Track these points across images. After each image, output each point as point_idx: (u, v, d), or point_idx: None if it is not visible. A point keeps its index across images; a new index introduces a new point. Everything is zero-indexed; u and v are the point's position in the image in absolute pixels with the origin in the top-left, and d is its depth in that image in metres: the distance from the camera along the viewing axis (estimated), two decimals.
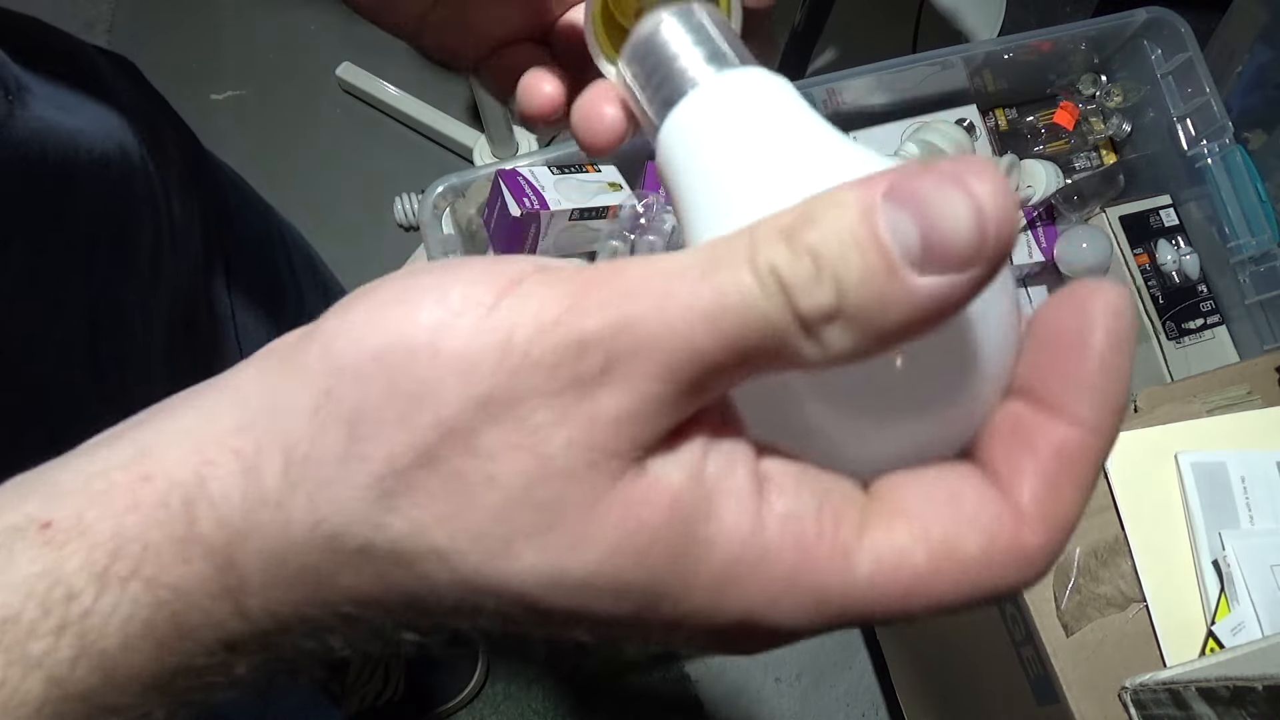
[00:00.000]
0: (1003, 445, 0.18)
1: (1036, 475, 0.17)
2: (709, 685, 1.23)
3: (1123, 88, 1.08)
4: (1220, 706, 0.52)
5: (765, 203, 0.19)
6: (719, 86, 0.21)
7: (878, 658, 1.19)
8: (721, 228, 0.19)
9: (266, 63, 1.50)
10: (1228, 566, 0.60)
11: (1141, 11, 1.00)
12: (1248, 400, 0.68)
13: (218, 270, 0.46)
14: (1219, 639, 0.60)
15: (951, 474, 0.18)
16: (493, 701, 1.21)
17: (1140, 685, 0.58)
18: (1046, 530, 0.17)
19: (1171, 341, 1.01)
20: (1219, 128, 0.98)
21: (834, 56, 1.35)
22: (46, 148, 0.34)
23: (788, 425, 0.18)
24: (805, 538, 0.16)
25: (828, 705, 1.22)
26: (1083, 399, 0.17)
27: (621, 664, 1.22)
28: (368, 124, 1.46)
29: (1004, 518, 0.17)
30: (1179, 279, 1.03)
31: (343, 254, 1.38)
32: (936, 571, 0.16)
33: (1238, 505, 0.63)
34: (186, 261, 0.44)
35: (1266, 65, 1.19)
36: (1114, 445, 0.17)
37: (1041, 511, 0.17)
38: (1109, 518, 0.64)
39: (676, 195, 0.22)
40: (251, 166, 1.42)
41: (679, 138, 0.22)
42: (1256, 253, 0.96)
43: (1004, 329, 0.18)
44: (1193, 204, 1.04)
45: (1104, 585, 0.62)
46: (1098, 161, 1.13)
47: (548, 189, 0.76)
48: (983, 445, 0.18)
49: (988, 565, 0.17)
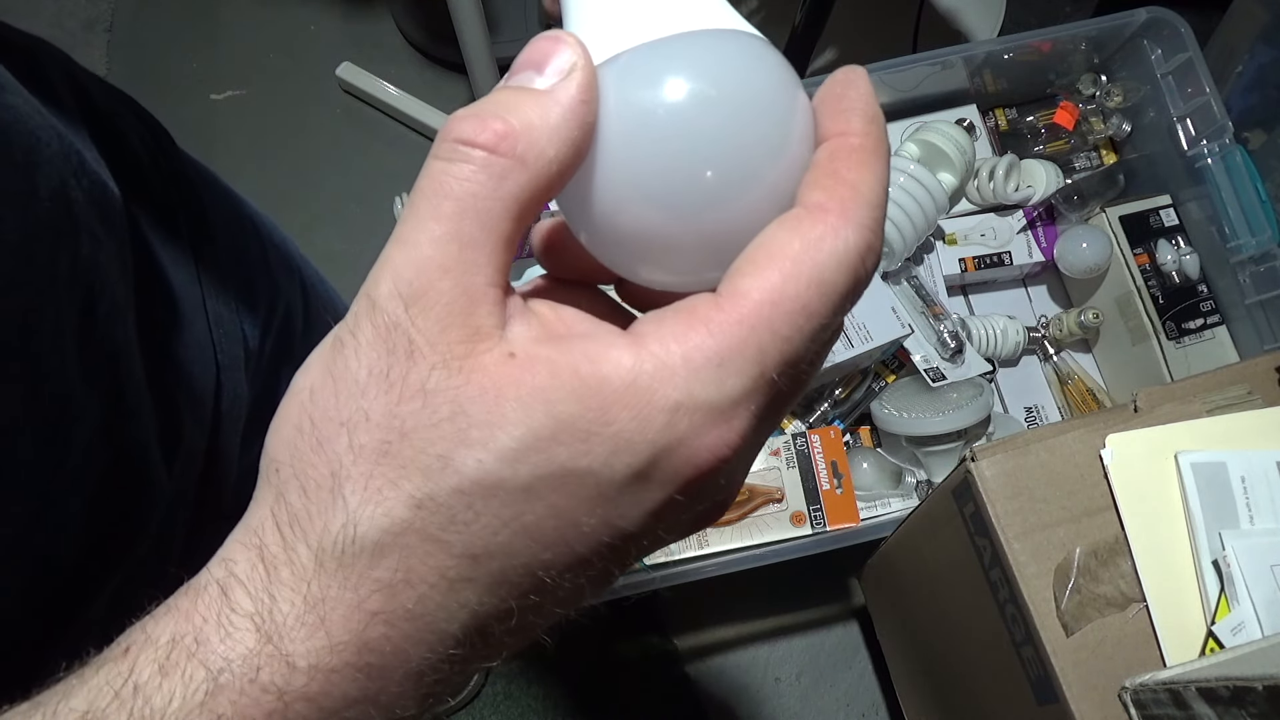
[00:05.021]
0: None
1: (820, 172, 0.21)
2: (709, 685, 1.22)
3: (1123, 88, 1.08)
4: (1220, 706, 0.52)
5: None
6: None
7: (878, 658, 1.19)
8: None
9: (266, 63, 1.50)
10: (1228, 566, 0.60)
11: (1141, 11, 1.00)
12: (1248, 400, 0.68)
13: (187, 261, 0.46)
14: (1219, 639, 0.60)
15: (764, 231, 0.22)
16: (493, 701, 1.21)
17: (1140, 685, 0.58)
18: (839, 202, 0.21)
19: (1171, 341, 1.01)
20: (1219, 128, 0.98)
21: (834, 56, 1.35)
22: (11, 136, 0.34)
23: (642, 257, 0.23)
24: (675, 330, 0.20)
25: (828, 705, 1.22)
26: (850, 119, 0.22)
27: (620, 661, 1.22)
28: (368, 124, 1.46)
29: (800, 215, 0.21)
30: (1179, 279, 1.03)
31: (343, 254, 1.39)
32: (777, 280, 0.20)
33: (1238, 505, 0.63)
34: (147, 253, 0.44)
35: (1266, 65, 1.19)
36: (886, 149, 0.22)
37: (830, 194, 0.21)
38: (1109, 518, 0.64)
39: None
40: (251, 166, 1.43)
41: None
42: (1256, 253, 0.96)
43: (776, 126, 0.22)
44: (1193, 204, 1.03)
45: (1104, 585, 0.62)
46: (1098, 161, 1.13)
47: None
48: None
49: (813, 249, 0.20)
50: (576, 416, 0.19)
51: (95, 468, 0.34)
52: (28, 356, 0.30)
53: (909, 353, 0.98)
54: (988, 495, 0.64)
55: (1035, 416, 1.09)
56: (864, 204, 0.21)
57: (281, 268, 0.55)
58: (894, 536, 0.91)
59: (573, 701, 1.21)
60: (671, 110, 0.21)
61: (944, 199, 0.98)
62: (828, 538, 0.95)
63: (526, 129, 0.20)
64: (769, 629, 1.25)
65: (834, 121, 0.22)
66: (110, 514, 0.36)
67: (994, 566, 0.66)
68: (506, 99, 0.21)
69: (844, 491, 0.97)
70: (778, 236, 0.21)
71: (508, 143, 0.20)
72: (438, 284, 0.20)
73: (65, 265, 0.32)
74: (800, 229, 0.20)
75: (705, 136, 0.21)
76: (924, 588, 0.87)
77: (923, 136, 1.03)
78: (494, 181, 0.20)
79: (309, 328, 0.57)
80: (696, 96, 0.21)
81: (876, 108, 0.22)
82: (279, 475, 0.20)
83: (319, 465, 0.20)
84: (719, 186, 0.21)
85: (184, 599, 0.20)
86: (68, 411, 0.32)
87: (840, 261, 0.20)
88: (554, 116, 0.21)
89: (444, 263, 0.20)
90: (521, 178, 0.20)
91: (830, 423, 1.03)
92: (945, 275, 1.07)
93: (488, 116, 0.20)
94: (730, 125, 0.21)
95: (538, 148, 0.20)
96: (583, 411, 0.19)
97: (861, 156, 0.21)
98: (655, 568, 0.95)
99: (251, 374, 0.50)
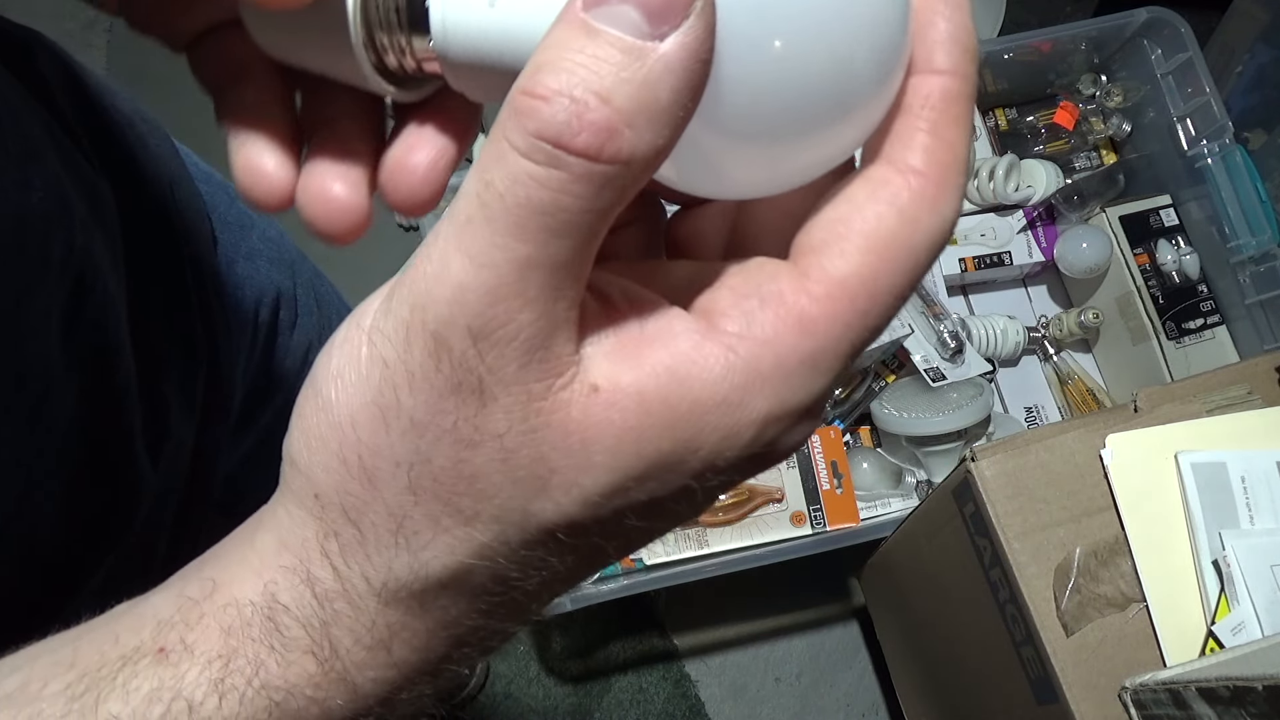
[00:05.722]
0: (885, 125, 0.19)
1: (916, 123, 0.19)
2: (709, 685, 1.23)
3: (1123, 88, 1.08)
4: (1220, 706, 0.52)
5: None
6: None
7: (878, 658, 1.19)
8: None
9: None
10: (1228, 566, 0.60)
11: (1141, 11, 1.00)
12: (1248, 400, 0.68)
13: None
14: (1219, 639, 0.60)
15: (843, 187, 0.19)
16: (493, 701, 1.21)
17: (1140, 685, 0.58)
18: (939, 169, 0.18)
19: (1171, 341, 1.01)
20: (1219, 128, 0.98)
21: None
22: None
23: (725, 174, 0.19)
24: (766, 331, 0.18)
25: (828, 705, 1.22)
26: (937, 51, 0.19)
27: (620, 662, 1.22)
28: None
29: (897, 183, 0.18)
30: (1179, 279, 1.03)
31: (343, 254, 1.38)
32: (875, 265, 0.18)
33: (1238, 505, 0.63)
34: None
35: (1266, 65, 1.19)
36: (975, 86, 0.19)
37: (930, 160, 0.18)
38: (1109, 518, 0.64)
39: None
40: None
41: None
42: (1256, 253, 0.96)
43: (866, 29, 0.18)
44: (1193, 204, 1.04)
45: (1104, 585, 0.62)
46: (1098, 161, 1.13)
47: None
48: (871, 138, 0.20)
49: (910, 226, 0.18)
50: (668, 454, 0.18)
51: (76, 457, 0.34)
52: (14, 341, 0.30)
53: (909, 353, 0.98)
54: (988, 495, 0.64)
55: (1035, 416, 1.09)
56: (961, 169, 0.19)
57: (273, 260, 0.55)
58: (894, 536, 0.91)
59: (573, 702, 1.21)
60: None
61: None
62: (828, 538, 0.95)
63: (631, 117, 0.16)
64: (769, 629, 1.25)
65: (927, 49, 0.19)
66: (92, 505, 0.36)
67: (994, 566, 0.66)
68: (602, 67, 0.16)
69: (844, 491, 0.97)
70: (872, 209, 0.18)
71: (613, 146, 0.16)
72: (518, 317, 0.17)
73: (57, 255, 0.32)
74: (898, 201, 0.18)
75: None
76: (924, 588, 0.87)
77: None
78: (593, 193, 0.16)
79: (299, 319, 0.57)
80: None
81: (973, 33, 0.19)
82: (321, 505, 0.19)
83: (374, 504, 0.18)
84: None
85: (219, 615, 0.19)
86: (48, 398, 0.32)
87: (934, 240, 0.18)
88: (664, 95, 0.16)
89: (527, 292, 0.17)
90: (624, 181, 0.17)
91: (830, 423, 1.03)
92: (945, 275, 1.07)
93: (583, 103, 0.16)
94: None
95: (645, 141, 0.16)
96: (674, 448, 0.18)
97: (960, 107, 0.19)
98: (655, 568, 0.95)
99: (242, 369, 0.50)
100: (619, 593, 0.92)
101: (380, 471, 0.18)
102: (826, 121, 0.18)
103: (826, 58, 0.17)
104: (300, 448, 0.19)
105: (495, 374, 0.17)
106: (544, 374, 0.17)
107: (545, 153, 0.16)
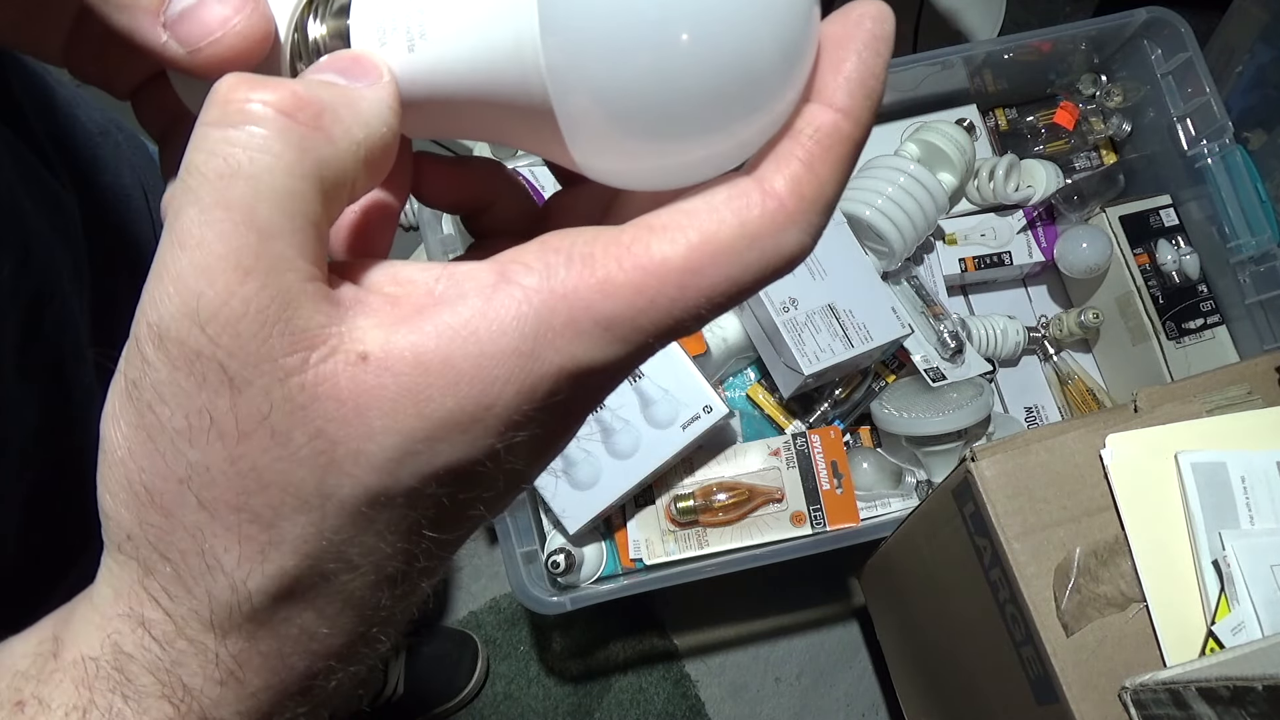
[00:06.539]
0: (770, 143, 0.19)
1: (794, 149, 0.18)
2: (709, 685, 1.23)
3: (1123, 88, 1.08)
4: (1220, 706, 0.52)
5: None
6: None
7: (878, 658, 1.19)
8: None
9: None
10: (1228, 566, 0.60)
11: (1141, 11, 1.00)
12: (1248, 400, 0.68)
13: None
14: (1219, 639, 0.60)
15: (712, 184, 0.19)
16: (493, 701, 1.21)
17: (1140, 685, 0.58)
18: (797, 201, 0.18)
19: (1171, 341, 1.01)
20: (1219, 128, 0.98)
21: None
22: None
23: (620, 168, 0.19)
24: (564, 286, 0.18)
25: (828, 705, 1.22)
26: (840, 89, 0.18)
27: (620, 662, 1.22)
28: None
29: (753, 198, 0.18)
30: (1179, 279, 1.03)
31: None
32: (696, 262, 0.18)
33: (1238, 505, 0.63)
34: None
35: (1266, 65, 1.19)
36: (867, 131, 0.19)
37: (793, 189, 0.18)
38: (1109, 518, 0.64)
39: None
40: None
41: None
42: (1256, 253, 0.96)
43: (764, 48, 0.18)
44: (1193, 204, 1.04)
45: (1104, 585, 0.62)
46: (1098, 161, 1.13)
47: (548, 188, 0.76)
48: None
49: (747, 241, 0.18)
50: (455, 412, 0.17)
51: (37, 468, 0.34)
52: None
53: (909, 353, 0.98)
54: (988, 495, 0.64)
55: (1035, 416, 1.10)
56: (823, 209, 0.19)
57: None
58: (894, 536, 0.91)
59: (573, 702, 1.21)
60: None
61: (944, 199, 0.98)
62: (828, 538, 0.95)
63: (329, 106, 0.18)
64: (769, 629, 1.25)
65: (832, 82, 0.19)
66: (49, 525, 0.35)
67: (994, 566, 0.66)
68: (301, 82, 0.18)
69: (844, 491, 0.97)
70: (719, 213, 0.18)
71: (308, 110, 0.17)
72: (238, 290, 0.16)
73: (9, 271, 0.32)
74: (746, 216, 0.18)
75: None
76: (924, 588, 0.87)
77: (923, 136, 1.03)
78: (294, 153, 0.17)
79: None
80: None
81: (881, 80, 0.19)
82: (134, 545, 0.18)
83: (175, 532, 0.18)
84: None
85: (70, 670, 0.19)
86: (3, 415, 0.32)
87: (766, 264, 0.18)
88: (364, 105, 0.18)
89: (242, 262, 0.16)
90: (326, 152, 0.17)
91: (830, 423, 1.03)
92: (945, 275, 1.07)
93: (273, 82, 0.17)
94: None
95: (343, 125, 0.18)
96: (461, 404, 0.17)
97: (845, 149, 0.19)
98: (655, 567, 0.95)
99: None
100: (619, 593, 0.92)
101: (168, 495, 0.17)
102: (709, 128, 0.18)
103: (719, 63, 0.18)
104: (104, 494, 0.18)
105: (236, 356, 0.16)
106: (292, 347, 0.17)
107: (238, 110, 0.17)
